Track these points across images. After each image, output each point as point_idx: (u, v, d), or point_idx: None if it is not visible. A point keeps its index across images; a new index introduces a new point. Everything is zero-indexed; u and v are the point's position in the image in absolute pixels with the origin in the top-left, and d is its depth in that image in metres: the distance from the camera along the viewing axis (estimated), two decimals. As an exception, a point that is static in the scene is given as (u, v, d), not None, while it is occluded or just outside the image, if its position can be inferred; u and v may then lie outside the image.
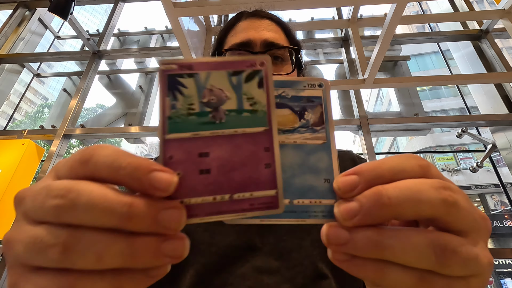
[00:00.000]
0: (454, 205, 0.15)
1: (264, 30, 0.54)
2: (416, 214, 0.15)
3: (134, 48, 2.94)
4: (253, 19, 0.56)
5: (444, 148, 13.81)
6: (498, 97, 2.27)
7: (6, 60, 2.77)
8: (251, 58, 0.17)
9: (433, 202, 0.15)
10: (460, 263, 0.15)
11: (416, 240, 0.15)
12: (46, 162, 2.16)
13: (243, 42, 0.52)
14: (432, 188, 0.15)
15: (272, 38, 0.53)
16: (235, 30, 0.56)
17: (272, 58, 0.51)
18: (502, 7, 2.06)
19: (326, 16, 3.07)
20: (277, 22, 0.56)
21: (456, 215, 0.15)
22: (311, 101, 0.19)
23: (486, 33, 2.49)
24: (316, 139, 0.19)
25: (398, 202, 0.15)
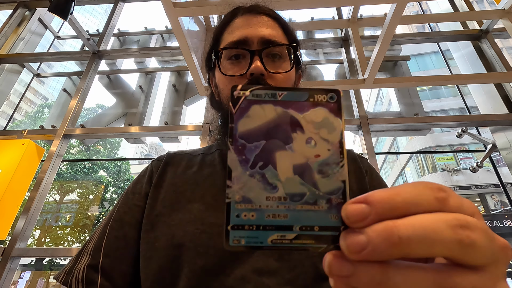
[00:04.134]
0: (471, 246, 0.14)
1: (261, 26, 0.52)
2: (429, 254, 0.14)
3: (134, 48, 2.94)
4: (250, 15, 0.54)
5: (444, 148, 13.81)
6: (498, 97, 2.27)
7: (6, 60, 2.77)
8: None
9: (448, 244, 0.14)
10: None
11: (423, 280, 0.14)
12: (46, 162, 2.16)
13: (240, 40, 0.51)
14: (449, 228, 0.14)
15: (269, 35, 0.51)
16: (232, 27, 0.54)
17: (270, 55, 0.51)
18: (502, 7, 2.06)
19: (326, 16, 3.07)
20: (275, 18, 0.55)
21: (472, 254, 0.14)
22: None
23: (486, 33, 2.49)
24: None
25: (409, 242, 0.14)
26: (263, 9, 0.55)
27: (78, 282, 0.42)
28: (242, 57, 0.51)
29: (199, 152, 0.58)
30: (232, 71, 0.51)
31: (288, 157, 0.17)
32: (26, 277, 11.93)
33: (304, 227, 0.16)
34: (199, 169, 0.53)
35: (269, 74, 0.49)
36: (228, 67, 0.52)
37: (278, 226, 0.16)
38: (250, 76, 0.48)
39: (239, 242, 0.16)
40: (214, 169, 0.52)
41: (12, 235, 1.92)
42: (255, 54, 0.49)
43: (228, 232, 0.16)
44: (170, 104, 2.61)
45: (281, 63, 0.52)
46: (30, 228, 1.98)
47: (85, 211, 12.12)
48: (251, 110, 0.17)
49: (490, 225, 11.07)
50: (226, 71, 0.51)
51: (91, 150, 15.63)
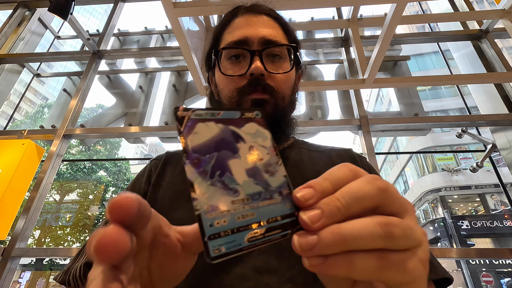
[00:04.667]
0: (387, 190, 0.19)
1: (262, 26, 0.52)
2: (362, 207, 0.18)
3: (134, 48, 2.94)
4: (250, 15, 0.54)
5: (444, 148, 13.80)
6: (498, 97, 2.27)
7: (6, 60, 2.77)
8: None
9: (372, 194, 0.18)
10: (402, 234, 0.18)
11: (367, 223, 0.17)
12: (46, 162, 2.16)
13: (240, 40, 0.51)
14: (368, 184, 0.19)
15: (270, 35, 0.51)
16: (232, 27, 0.54)
17: (270, 55, 0.51)
18: (502, 7, 2.06)
19: (326, 16, 3.07)
20: (275, 18, 0.55)
21: (390, 199, 0.19)
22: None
23: (486, 33, 2.49)
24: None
25: (347, 205, 0.18)
26: (263, 9, 0.55)
27: (76, 279, 0.42)
28: (242, 57, 0.51)
29: None
30: (232, 71, 0.51)
31: (240, 164, 0.19)
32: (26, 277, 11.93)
33: (270, 220, 0.18)
34: None
35: (269, 74, 0.49)
36: (228, 67, 0.52)
37: (249, 225, 0.17)
38: (250, 76, 0.48)
39: (220, 250, 0.16)
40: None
41: (12, 235, 1.92)
42: (255, 54, 0.49)
43: (207, 244, 0.16)
44: (170, 104, 2.61)
45: (281, 63, 0.52)
46: (30, 228, 1.98)
47: (85, 211, 12.12)
48: (197, 128, 0.19)
49: (490, 225, 11.07)
50: (226, 71, 0.51)
51: (91, 150, 15.63)
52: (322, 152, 0.57)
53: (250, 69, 0.48)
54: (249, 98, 0.49)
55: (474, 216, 11.94)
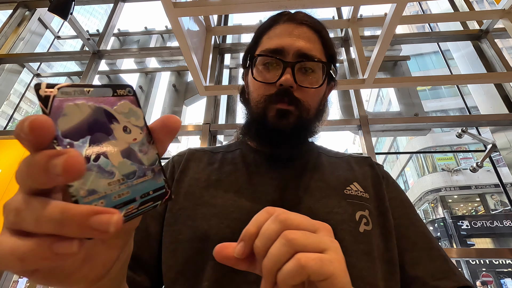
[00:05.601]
0: (286, 220, 0.24)
1: (300, 38, 0.52)
2: (275, 239, 0.24)
3: (134, 48, 2.94)
4: (292, 24, 0.54)
5: (444, 148, 13.80)
6: (498, 97, 2.27)
7: (6, 60, 2.77)
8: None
9: (277, 228, 0.24)
10: (304, 243, 0.23)
11: (277, 244, 0.23)
12: (46, 162, 2.16)
13: (276, 49, 0.52)
14: (273, 223, 0.24)
15: (306, 48, 0.51)
16: (271, 33, 0.55)
17: (303, 68, 0.52)
18: (502, 7, 2.06)
19: (326, 16, 3.07)
20: (316, 31, 0.55)
21: (292, 226, 0.24)
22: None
23: (486, 33, 2.49)
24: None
25: (263, 246, 0.24)
26: (306, 20, 0.55)
27: None
28: (275, 65, 0.52)
29: (219, 150, 0.59)
30: (263, 78, 0.52)
31: (114, 145, 0.19)
32: (26, 277, 11.93)
33: (143, 195, 0.20)
34: (220, 166, 0.54)
35: (298, 86, 0.50)
36: (261, 72, 0.53)
37: (125, 202, 0.19)
38: (279, 86, 0.50)
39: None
40: (236, 167, 0.53)
41: (12, 235, 1.91)
42: (287, 66, 0.50)
43: None
44: (170, 104, 2.61)
45: (313, 76, 0.52)
46: (30, 228, 1.98)
47: (85, 211, 12.12)
48: (66, 109, 0.17)
49: (490, 225, 11.06)
50: (257, 76, 0.53)
51: (91, 150, 15.63)
52: (341, 158, 0.58)
53: (280, 80, 0.49)
54: (275, 107, 0.50)
55: (474, 216, 11.93)
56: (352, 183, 0.50)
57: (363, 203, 0.48)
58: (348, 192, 0.49)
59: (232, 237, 0.41)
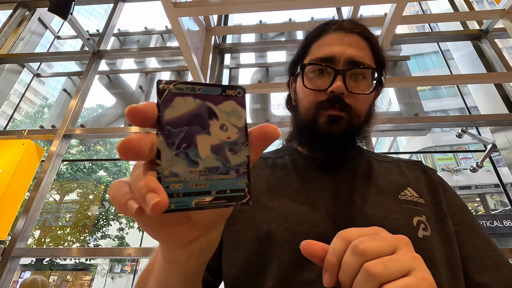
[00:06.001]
0: (365, 251, 0.24)
1: (350, 46, 0.53)
2: (357, 270, 0.25)
3: (134, 48, 2.94)
4: (341, 33, 0.55)
5: (444, 148, 13.80)
6: (498, 97, 2.27)
7: (6, 60, 2.77)
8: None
9: (357, 263, 0.24)
10: (382, 268, 0.24)
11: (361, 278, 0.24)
12: (46, 162, 2.16)
13: (327, 57, 0.53)
14: (352, 256, 0.25)
15: (356, 56, 0.52)
16: (321, 41, 0.56)
17: (353, 74, 0.53)
18: (502, 7, 2.06)
19: (326, 16, 3.07)
20: (366, 38, 0.56)
21: (372, 256, 0.24)
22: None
23: (486, 33, 2.49)
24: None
25: (346, 279, 0.25)
26: (355, 28, 0.56)
27: None
28: (326, 72, 0.53)
29: (269, 156, 0.61)
30: (314, 85, 0.53)
31: (206, 139, 0.21)
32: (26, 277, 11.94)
33: (220, 191, 0.21)
34: (273, 171, 0.55)
35: (349, 93, 0.51)
36: (311, 79, 0.54)
37: (199, 192, 0.20)
38: (330, 93, 0.51)
39: (170, 207, 0.19)
40: (287, 172, 0.55)
41: (12, 235, 1.91)
42: (338, 74, 0.51)
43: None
44: (170, 104, 2.61)
45: (363, 82, 0.53)
46: (30, 228, 1.98)
47: (85, 211, 12.11)
48: (174, 101, 0.20)
49: (490, 225, 11.06)
50: (308, 84, 0.54)
51: (91, 150, 15.63)
52: (391, 162, 0.58)
53: (332, 87, 0.50)
54: (326, 113, 0.51)
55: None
56: (406, 188, 0.50)
57: (419, 209, 0.47)
58: (403, 198, 0.48)
59: (291, 239, 0.45)
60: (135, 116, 0.19)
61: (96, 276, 15.12)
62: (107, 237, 12.15)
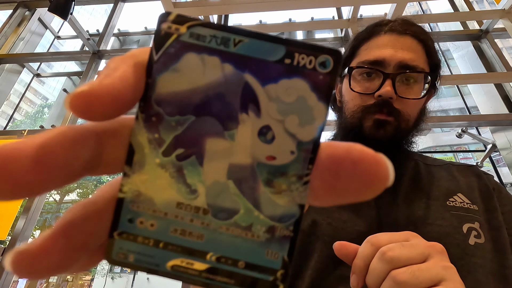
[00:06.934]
0: (393, 259, 0.24)
1: (402, 49, 0.50)
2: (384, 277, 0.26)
3: (134, 48, 2.94)
4: (393, 35, 0.52)
5: (444, 148, 13.79)
6: (498, 97, 2.27)
7: (6, 60, 2.77)
8: None
9: (385, 269, 0.25)
10: (410, 277, 0.24)
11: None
12: (46, 162, 2.16)
13: (376, 60, 0.50)
14: (380, 262, 0.25)
15: (408, 59, 0.49)
16: (371, 44, 0.54)
17: (404, 78, 0.50)
18: (502, 7, 2.06)
19: (326, 16, 3.08)
20: (420, 39, 0.52)
21: (401, 264, 0.25)
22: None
23: (486, 33, 2.49)
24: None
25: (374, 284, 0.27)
26: (408, 29, 0.53)
27: None
28: (374, 75, 0.51)
29: None
30: (361, 88, 0.51)
31: (225, 150, 0.11)
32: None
33: (224, 259, 0.11)
34: None
35: (398, 98, 0.49)
36: (358, 82, 0.52)
37: (185, 249, 0.11)
38: (377, 97, 0.49)
39: (126, 257, 0.11)
40: None
41: (12, 235, 1.92)
42: (388, 77, 0.49)
43: (113, 240, 0.11)
44: (170, 104, 2.61)
45: (415, 87, 0.51)
46: (30, 228, 1.98)
47: (85, 211, 12.11)
48: (182, 61, 0.11)
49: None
50: (355, 87, 0.52)
51: (91, 150, 15.62)
52: (440, 166, 0.56)
53: (380, 91, 0.48)
54: (373, 117, 0.50)
55: (474, 216, 11.92)
56: (456, 194, 0.48)
57: (471, 215, 0.45)
58: (452, 204, 0.46)
59: (334, 234, 0.46)
60: (90, 107, 0.10)
61: (96, 276, 15.14)
62: (107, 237, 12.14)
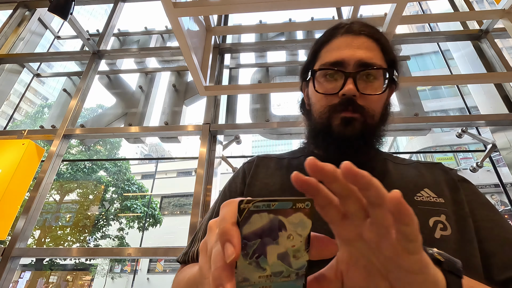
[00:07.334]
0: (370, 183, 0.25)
1: (359, 48, 0.54)
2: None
3: (134, 48, 2.94)
4: (350, 36, 0.56)
5: (444, 148, 13.80)
6: (498, 97, 2.27)
7: (6, 60, 2.77)
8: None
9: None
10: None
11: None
12: (46, 162, 2.16)
13: (336, 61, 0.54)
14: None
15: (366, 57, 0.53)
16: (330, 46, 0.57)
17: (364, 76, 0.53)
18: (502, 7, 2.06)
19: (326, 16, 3.07)
20: (375, 39, 0.56)
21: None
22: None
23: (486, 33, 2.49)
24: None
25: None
26: (363, 29, 0.56)
27: (194, 260, 0.54)
28: (336, 76, 0.54)
29: (285, 156, 0.63)
30: (326, 89, 0.54)
31: (275, 249, 0.24)
32: (26, 277, 11.93)
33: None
34: (287, 172, 0.57)
35: (361, 94, 0.52)
36: (322, 83, 0.55)
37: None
38: (342, 96, 0.52)
39: None
40: (302, 173, 0.55)
41: (12, 235, 1.92)
42: (349, 76, 0.52)
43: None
44: (170, 104, 2.61)
45: (375, 83, 0.54)
46: (30, 228, 1.98)
47: (85, 211, 12.12)
48: (252, 218, 0.23)
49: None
50: (319, 88, 0.55)
51: (91, 150, 15.63)
52: (409, 165, 0.58)
53: (343, 90, 0.51)
54: (339, 116, 0.52)
55: (474, 216, 11.92)
56: (423, 189, 0.50)
57: (437, 208, 0.47)
58: (419, 199, 0.49)
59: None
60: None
61: (96, 276, 15.13)
62: (107, 237, 12.15)
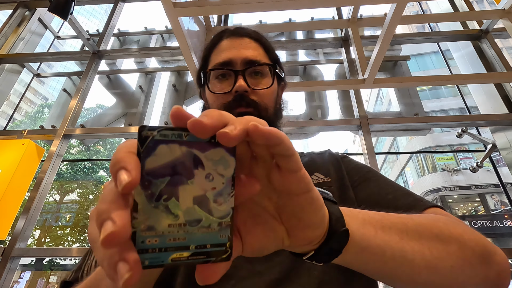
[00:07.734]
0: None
1: (244, 48, 0.59)
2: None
3: (134, 48, 2.94)
4: (234, 38, 0.61)
5: (444, 148, 13.80)
6: (498, 97, 2.27)
7: (6, 60, 2.77)
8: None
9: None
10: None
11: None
12: (46, 162, 2.16)
13: (225, 61, 0.58)
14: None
15: (251, 56, 0.58)
16: (218, 49, 0.61)
17: (253, 73, 0.58)
18: (502, 7, 2.06)
19: (326, 16, 3.07)
20: (256, 40, 0.62)
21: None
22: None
23: (486, 33, 2.49)
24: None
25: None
26: (246, 32, 0.62)
27: (92, 270, 0.45)
28: (228, 76, 0.58)
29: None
30: (219, 89, 0.58)
31: (190, 190, 0.19)
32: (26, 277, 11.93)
33: (199, 246, 0.19)
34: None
35: (252, 90, 0.56)
36: (216, 85, 0.59)
37: (177, 247, 0.19)
38: (235, 93, 0.55)
39: (143, 263, 0.18)
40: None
41: (12, 235, 1.92)
42: (238, 74, 0.56)
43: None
44: (170, 104, 2.61)
45: (263, 79, 0.59)
46: (30, 228, 1.98)
47: (85, 211, 12.11)
48: (158, 149, 0.18)
49: (490, 225, 11.06)
50: (213, 89, 0.58)
51: (91, 150, 15.63)
52: (304, 156, 0.63)
53: (235, 87, 0.55)
54: (235, 112, 0.54)
55: (474, 216, 11.94)
56: (313, 174, 0.55)
57: (325, 187, 0.50)
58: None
59: None
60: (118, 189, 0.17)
61: (96, 276, 15.12)
62: (107, 237, 12.13)
